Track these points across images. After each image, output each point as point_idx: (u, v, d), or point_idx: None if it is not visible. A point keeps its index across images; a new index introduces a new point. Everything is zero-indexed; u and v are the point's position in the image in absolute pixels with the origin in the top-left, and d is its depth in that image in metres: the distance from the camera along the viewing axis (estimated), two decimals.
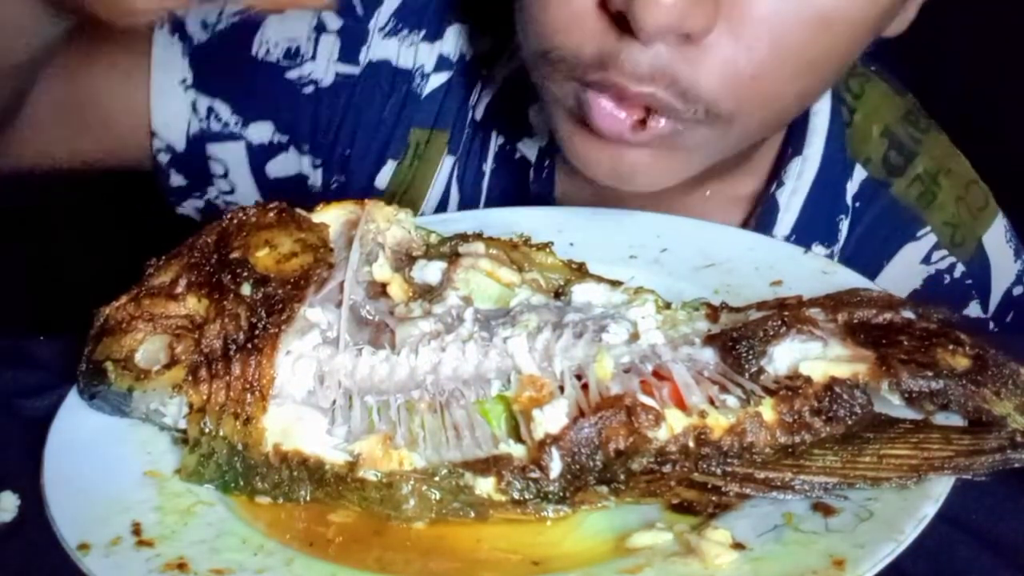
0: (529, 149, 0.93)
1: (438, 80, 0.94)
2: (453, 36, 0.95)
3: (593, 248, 0.74)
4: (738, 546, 0.52)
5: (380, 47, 0.93)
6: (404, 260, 0.70)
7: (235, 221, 0.68)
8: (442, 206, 0.96)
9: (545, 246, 0.71)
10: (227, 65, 0.93)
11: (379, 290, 0.69)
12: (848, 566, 0.50)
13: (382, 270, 0.68)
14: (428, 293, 0.68)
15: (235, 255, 0.65)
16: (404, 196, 0.95)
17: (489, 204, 0.95)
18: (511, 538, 0.56)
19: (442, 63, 0.95)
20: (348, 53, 0.92)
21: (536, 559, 0.55)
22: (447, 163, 0.95)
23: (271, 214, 0.68)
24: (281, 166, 0.96)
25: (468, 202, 0.96)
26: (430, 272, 0.69)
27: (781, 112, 0.77)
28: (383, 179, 0.96)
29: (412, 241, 0.71)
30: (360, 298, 0.67)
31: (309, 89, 0.93)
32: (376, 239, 0.70)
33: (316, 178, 0.96)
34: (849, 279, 0.69)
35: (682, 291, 0.70)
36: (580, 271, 0.70)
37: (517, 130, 0.93)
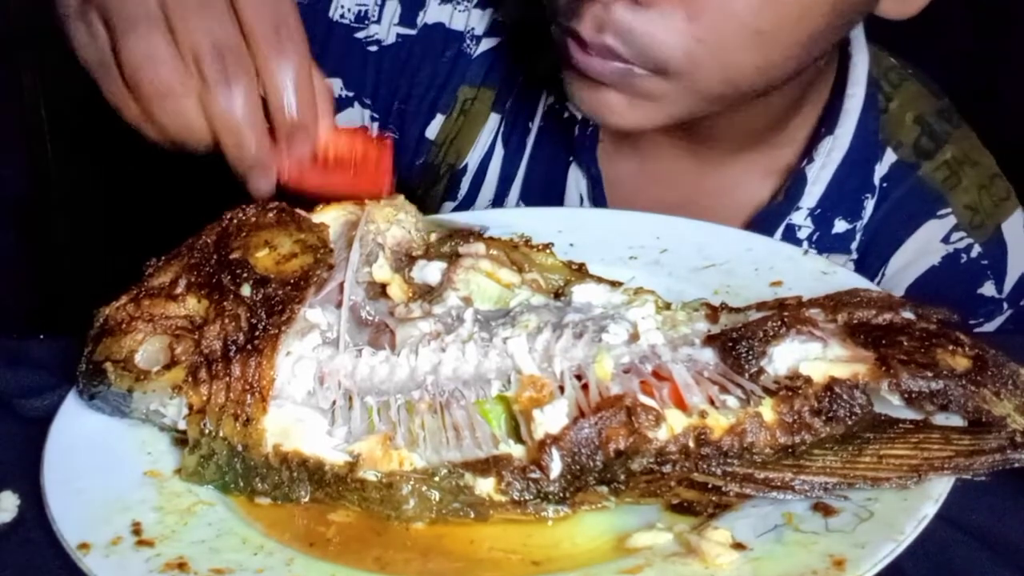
0: (577, 109, 0.96)
1: (489, 43, 1.02)
2: (506, 3, 1.01)
3: (593, 249, 0.74)
4: (738, 546, 0.52)
5: (435, 11, 1.01)
6: (404, 260, 0.70)
7: (235, 221, 0.68)
8: (486, 160, 1.02)
9: (545, 247, 0.71)
10: (308, 26, 0.97)
11: (379, 291, 0.69)
12: (848, 566, 0.50)
13: (382, 271, 0.68)
14: (428, 294, 0.68)
15: (235, 256, 0.65)
16: (450, 148, 1.03)
17: (533, 160, 1.01)
18: (511, 538, 0.56)
19: (494, 27, 1.02)
20: (407, 17, 1.01)
21: (536, 559, 0.55)
22: (493, 120, 1.02)
23: (271, 214, 0.68)
24: (346, 119, 1.03)
25: (512, 158, 1.02)
26: (430, 272, 0.69)
27: (741, 79, 0.81)
28: (432, 131, 1.04)
29: (412, 241, 0.71)
30: (360, 299, 0.67)
31: (373, 48, 1.02)
32: (376, 239, 0.70)
33: (374, 130, 1.04)
34: (849, 279, 0.69)
35: (682, 292, 0.70)
36: (580, 272, 0.70)
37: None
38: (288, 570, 0.54)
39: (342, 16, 1.01)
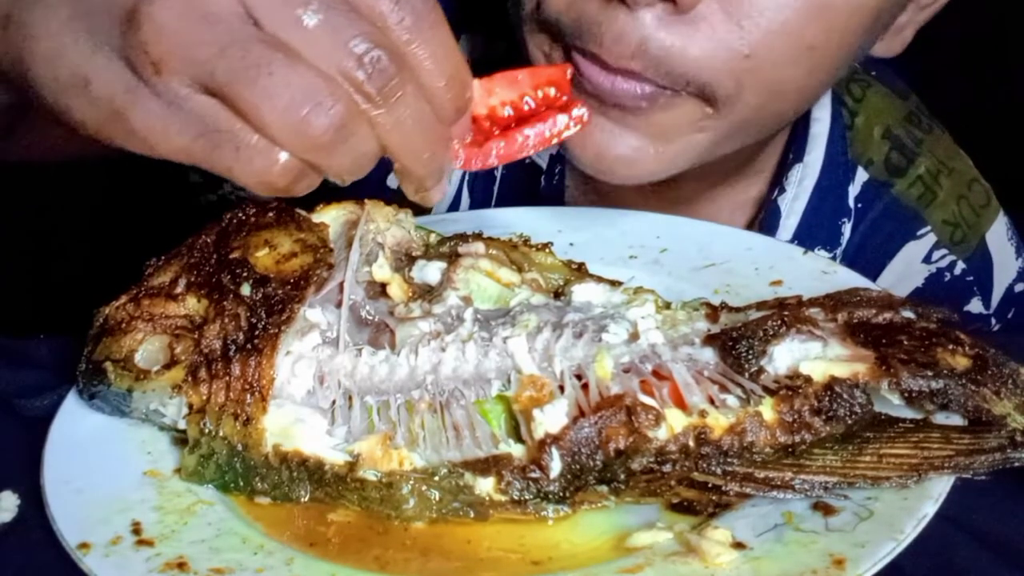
0: (540, 156, 0.94)
1: None
2: (466, 44, 0.96)
3: (593, 248, 0.74)
4: (738, 545, 0.52)
5: None
6: (404, 260, 0.70)
7: (235, 221, 0.68)
8: (453, 209, 0.98)
9: (545, 246, 0.71)
10: None
11: (379, 290, 0.69)
12: (848, 565, 0.50)
13: (382, 270, 0.68)
14: (428, 293, 0.68)
15: (235, 255, 0.65)
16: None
17: (500, 206, 0.96)
18: (511, 538, 0.56)
19: None
20: None
21: (536, 559, 0.55)
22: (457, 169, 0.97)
23: (271, 214, 0.68)
24: None
25: (478, 207, 0.97)
26: (430, 272, 0.69)
27: (780, 104, 0.75)
28: (393, 180, 0.96)
29: (412, 241, 0.71)
30: (360, 298, 0.67)
31: None
32: (376, 239, 0.70)
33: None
34: (849, 279, 0.69)
35: (682, 291, 0.70)
36: (580, 271, 0.70)
37: None
38: (288, 570, 0.54)
39: None
